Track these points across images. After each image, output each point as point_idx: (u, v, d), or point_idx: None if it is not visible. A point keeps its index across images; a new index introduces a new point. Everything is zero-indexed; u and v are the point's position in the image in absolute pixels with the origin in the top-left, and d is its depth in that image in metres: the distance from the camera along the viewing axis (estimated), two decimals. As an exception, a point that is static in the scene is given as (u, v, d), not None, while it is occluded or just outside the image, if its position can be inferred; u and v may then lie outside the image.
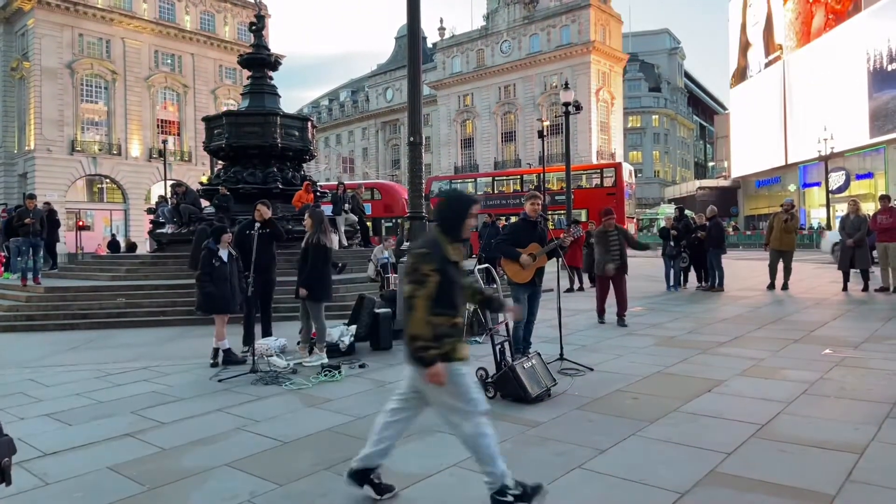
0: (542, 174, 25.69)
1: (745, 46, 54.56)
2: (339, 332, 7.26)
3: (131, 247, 24.65)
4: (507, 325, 5.89)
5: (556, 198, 26.21)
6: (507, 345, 5.62)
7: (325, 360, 6.64)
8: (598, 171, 30.35)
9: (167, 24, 46.54)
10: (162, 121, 46.87)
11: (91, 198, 44.16)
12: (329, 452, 3.93)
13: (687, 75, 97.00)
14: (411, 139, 8.83)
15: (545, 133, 34.14)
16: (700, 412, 4.57)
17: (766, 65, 50.64)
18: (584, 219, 20.09)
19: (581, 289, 14.05)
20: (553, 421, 4.46)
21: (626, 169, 30.21)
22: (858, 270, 12.20)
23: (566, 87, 22.64)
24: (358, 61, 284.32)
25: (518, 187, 29.64)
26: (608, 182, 27.05)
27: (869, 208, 24.38)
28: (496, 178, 34.36)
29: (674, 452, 3.79)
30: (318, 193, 15.34)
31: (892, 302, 10.44)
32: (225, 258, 6.87)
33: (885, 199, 12.51)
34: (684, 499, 3.13)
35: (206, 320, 7.60)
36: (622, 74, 64.98)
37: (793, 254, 12.93)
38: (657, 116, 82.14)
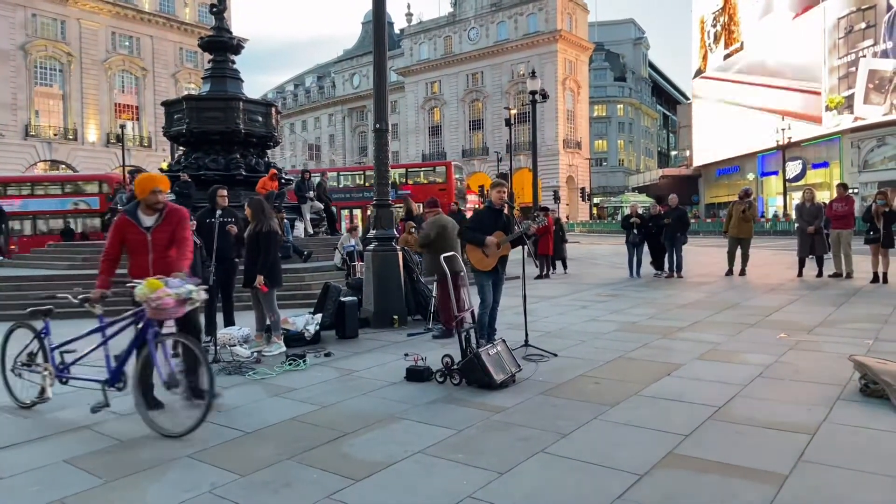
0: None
1: (706, 37, 55.45)
2: (305, 320, 7.20)
3: (69, 234, 24.16)
4: (472, 312, 5.92)
5: (399, 193, 27.57)
6: (472, 332, 5.65)
7: (284, 348, 6.59)
8: (432, 168, 32.42)
9: (125, 6, 45.15)
10: (120, 105, 45.58)
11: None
12: (293, 442, 3.90)
13: (651, 65, 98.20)
14: (377, 126, 8.76)
15: (513, 121, 34.38)
16: (659, 395, 4.67)
17: (726, 56, 51.60)
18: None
19: (547, 276, 14.20)
20: (517, 406, 4.51)
21: (455, 167, 32.83)
22: (814, 257, 12.58)
23: (533, 75, 22.72)
24: (324, 46, 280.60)
25: (361, 182, 31.18)
26: (440, 179, 28.77)
27: (824, 196, 25.13)
28: (341, 173, 35.81)
29: (634, 435, 3.87)
30: (282, 181, 15.13)
31: (845, 287, 10.80)
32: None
33: (842, 187, 12.90)
34: (643, 480, 3.20)
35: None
36: (588, 64, 65.45)
37: (750, 241, 13.27)
38: (622, 106, 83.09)
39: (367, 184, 30.63)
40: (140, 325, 4.24)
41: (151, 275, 4.35)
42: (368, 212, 16.41)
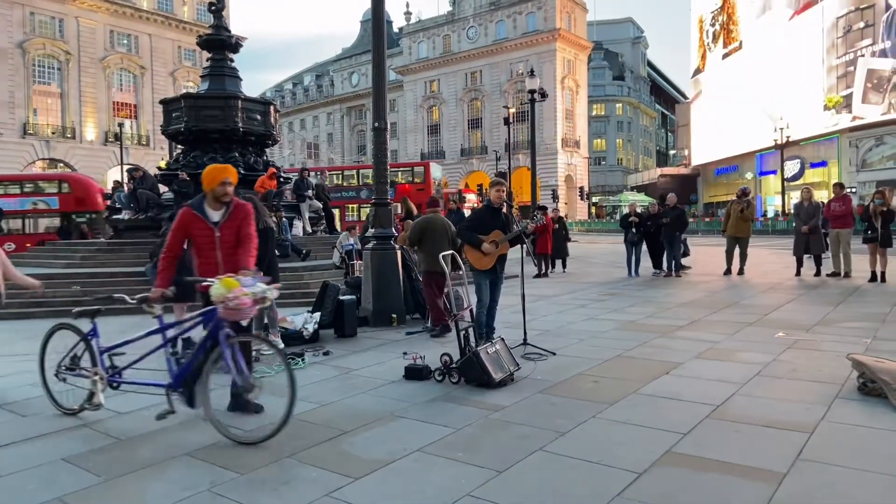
0: (358, 171, 28.71)
1: (705, 36, 55.47)
2: (303, 319, 7.20)
3: (66, 233, 24.06)
4: (471, 310, 5.92)
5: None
6: (471, 330, 5.65)
7: (281, 346, 6.59)
8: (410, 168, 32.64)
9: (123, 4, 45.06)
10: (118, 103, 45.50)
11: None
12: (292, 440, 3.90)
13: (650, 64, 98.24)
14: (376, 125, 8.76)
15: (511, 120, 34.36)
16: (658, 394, 4.68)
17: (725, 55, 51.63)
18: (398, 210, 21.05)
19: (546, 275, 14.20)
20: (516, 405, 4.51)
21: (434, 167, 33.42)
22: (812, 256, 12.59)
23: (532, 74, 22.73)
24: (323, 45, 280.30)
25: (339, 181, 31.55)
26: (419, 179, 28.99)
27: (822, 195, 25.18)
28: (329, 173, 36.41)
29: (632, 433, 3.87)
30: (281, 179, 15.12)
31: (843, 286, 10.82)
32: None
33: (839, 186, 12.92)
34: (641, 479, 3.21)
35: (165, 308, 7.44)
36: (587, 63, 65.45)
37: (748, 240, 13.29)
38: (620, 105, 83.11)
39: (358, 183, 30.93)
40: (210, 326, 4.00)
41: (222, 274, 4.11)
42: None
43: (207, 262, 4.28)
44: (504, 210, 6.36)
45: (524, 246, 6.34)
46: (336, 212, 29.78)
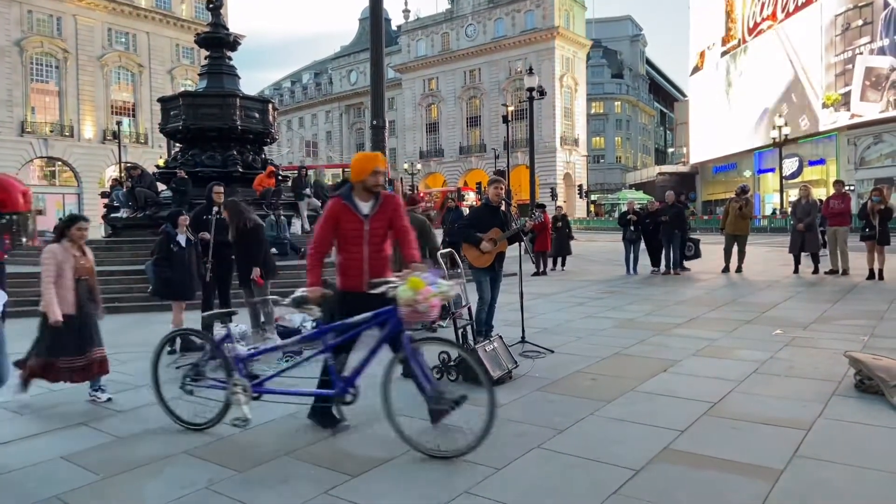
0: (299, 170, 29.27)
1: (703, 34, 55.43)
2: (301, 317, 7.19)
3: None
4: (469, 308, 5.92)
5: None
6: (469, 328, 5.66)
7: (278, 341, 6.59)
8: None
9: (121, 2, 44.91)
10: (116, 101, 45.41)
11: (43, 181, 42.64)
12: (290, 438, 3.91)
13: (648, 62, 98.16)
14: (375, 123, 8.76)
15: (510, 118, 34.32)
16: (655, 392, 4.69)
17: (723, 53, 51.61)
18: None
19: (544, 273, 14.20)
20: (514, 402, 4.51)
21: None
22: (809, 254, 12.61)
23: (530, 72, 22.71)
24: (321, 43, 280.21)
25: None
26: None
27: (821, 193, 25.21)
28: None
29: (629, 431, 3.88)
30: (279, 178, 15.11)
31: (841, 284, 10.83)
32: (183, 243, 6.74)
33: (838, 184, 12.93)
34: (639, 475, 3.22)
35: (163, 307, 7.46)
36: (585, 61, 65.42)
37: (747, 238, 13.31)
38: (619, 103, 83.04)
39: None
40: (386, 330, 3.69)
41: (366, 270, 3.89)
42: None
43: (352, 256, 3.93)
44: (502, 208, 6.37)
45: (522, 244, 6.34)
46: None
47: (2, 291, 4.22)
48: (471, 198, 33.28)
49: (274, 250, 9.45)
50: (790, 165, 42.04)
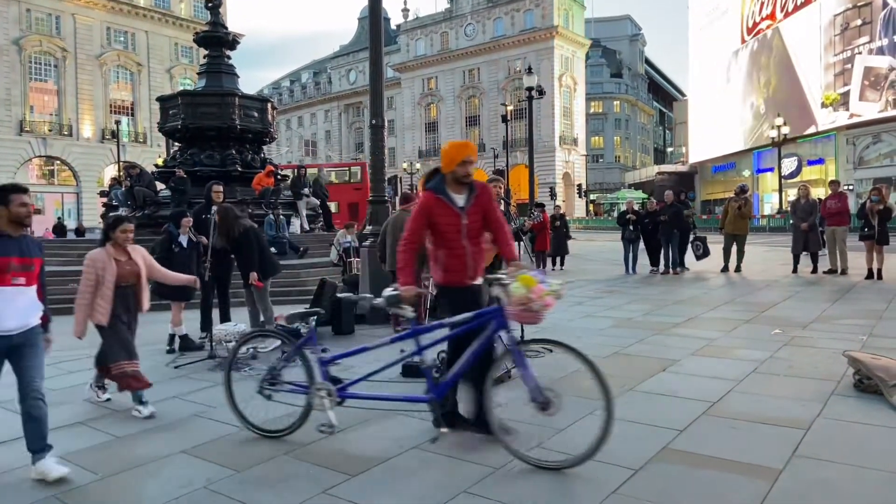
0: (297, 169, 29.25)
1: (702, 33, 55.41)
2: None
3: (61, 230, 24.04)
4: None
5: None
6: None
7: (276, 344, 6.57)
8: (347, 168, 32.45)
9: (120, 0, 44.91)
10: (115, 100, 45.38)
11: (42, 180, 42.60)
12: (288, 438, 3.90)
13: (648, 62, 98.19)
14: (374, 122, 8.76)
15: (509, 118, 34.37)
16: (654, 391, 4.68)
17: (724, 52, 51.58)
18: (334, 210, 20.99)
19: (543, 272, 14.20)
20: (512, 402, 4.50)
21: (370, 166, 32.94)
22: (808, 253, 12.61)
23: (529, 71, 22.71)
24: (320, 42, 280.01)
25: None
26: (355, 178, 28.92)
27: (820, 193, 25.25)
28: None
29: (628, 430, 3.87)
30: (278, 177, 15.11)
31: (840, 284, 10.84)
32: (185, 243, 6.74)
33: (834, 184, 12.94)
34: (638, 475, 3.21)
35: (162, 306, 7.44)
36: (584, 60, 65.43)
37: (746, 238, 13.31)
38: (618, 102, 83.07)
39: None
40: (489, 330, 3.48)
41: (470, 265, 3.72)
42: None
43: (453, 252, 3.71)
44: (501, 207, 6.36)
45: (521, 243, 6.34)
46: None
47: None
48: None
49: (273, 249, 9.44)
50: (789, 165, 42.07)
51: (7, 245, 3.30)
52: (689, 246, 13.45)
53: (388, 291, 3.64)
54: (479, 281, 3.79)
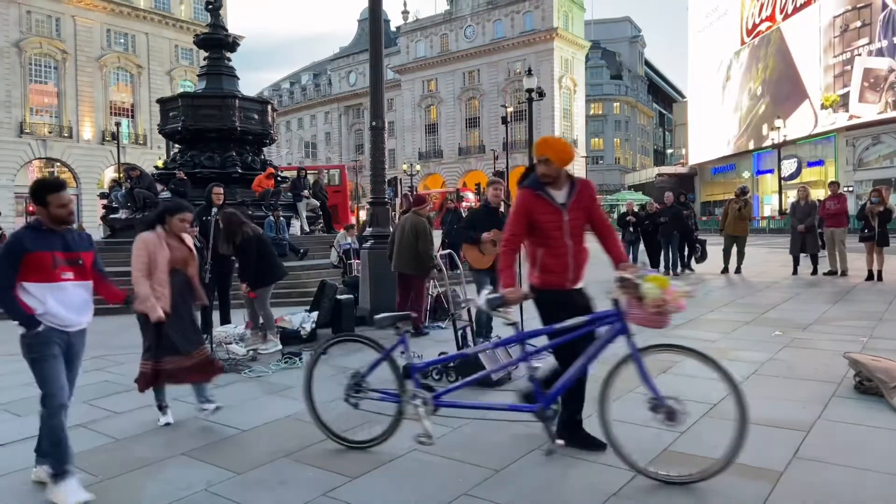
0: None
1: (701, 35, 55.46)
2: (301, 318, 7.19)
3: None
4: (469, 310, 5.92)
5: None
6: (468, 330, 5.65)
7: (279, 346, 6.57)
8: (326, 171, 32.71)
9: (120, 3, 44.96)
10: (115, 102, 45.41)
11: (41, 182, 42.56)
12: (289, 440, 3.90)
13: (647, 63, 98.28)
14: (374, 124, 8.76)
15: (509, 119, 34.40)
16: (655, 393, 4.67)
17: (724, 53, 51.62)
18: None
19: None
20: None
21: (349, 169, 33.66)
22: (808, 255, 12.61)
23: (529, 73, 22.74)
24: (321, 44, 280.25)
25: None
26: (333, 181, 29.08)
27: (820, 194, 25.27)
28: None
29: (630, 432, 3.85)
30: (279, 179, 15.11)
31: (840, 285, 10.83)
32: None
33: (834, 185, 12.95)
34: (638, 477, 3.21)
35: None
36: (584, 62, 65.48)
37: (746, 239, 13.32)
38: (618, 104, 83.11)
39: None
40: (607, 334, 3.33)
41: (571, 266, 3.52)
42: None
43: (556, 251, 3.51)
44: (502, 209, 6.37)
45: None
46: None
47: None
48: (470, 199, 33.19)
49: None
50: (789, 167, 42.08)
51: (50, 239, 3.16)
52: (637, 244, 13.55)
53: (487, 294, 3.50)
54: (580, 285, 3.59)
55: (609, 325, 3.29)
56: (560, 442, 3.32)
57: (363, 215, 26.88)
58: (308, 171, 17.91)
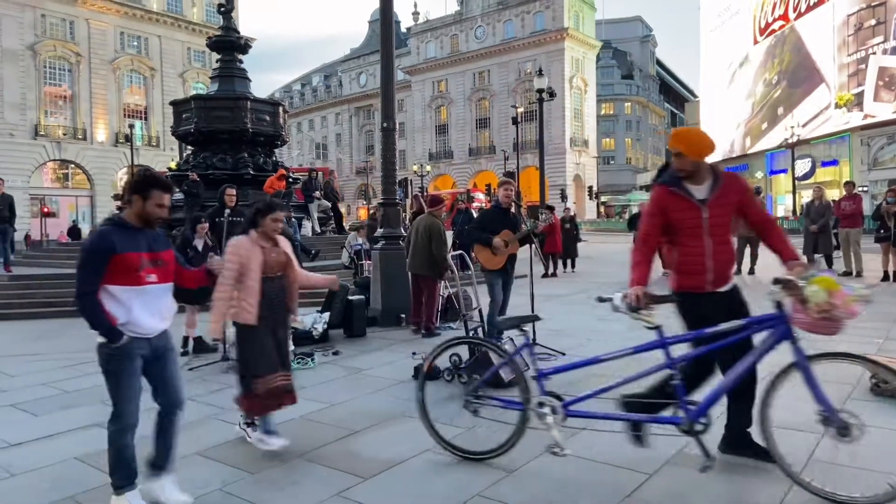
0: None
1: (714, 34, 55.13)
2: (313, 319, 7.22)
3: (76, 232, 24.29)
4: (480, 310, 5.92)
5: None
6: (480, 330, 5.65)
7: (292, 347, 6.60)
8: (306, 174, 32.86)
9: (133, 6, 45.32)
10: (128, 105, 45.79)
11: (56, 183, 43.06)
12: (301, 440, 3.91)
13: (659, 63, 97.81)
14: (384, 125, 8.78)
15: (519, 120, 34.32)
16: (669, 395, 4.64)
17: (737, 52, 51.29)
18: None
19: (554, 274, 14.17)
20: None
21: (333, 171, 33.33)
22: (822, 255, 12.50)
23: (540, 73, 22.70)
24: (331, 45, 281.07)
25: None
26: None
27: (834, 195, 25.05)
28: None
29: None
30: (290, 180, 15.17)
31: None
32: (200, 248, 6.79)
33: (849, 185, 12.82)
34: (652, 479, 3.20)
35: (177, 308, 7.52)
36: (595, 61, 65.26)
37: (759, 240, 13.19)
38: (629, 104, 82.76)
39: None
40: (771, 341, 3.07)
41: (710, 267, 3.28)
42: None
43: (692, 250, 3.30)
44: (512, 210, 6.36)
45: (533, 245, 6.33)
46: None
47: None
48: (480, 199, 33.16)
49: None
50: (802, 166, 41.69)
51: (136, 238, 2.95)
52: None
53: (620, 294, 3.30)
54: (725, 287, 3.34)
55: (770, 330, 3.05)
56: (715, 455, 3.10)
57: (362, 215, 26.87)
58: (297, 173, 17.94)
